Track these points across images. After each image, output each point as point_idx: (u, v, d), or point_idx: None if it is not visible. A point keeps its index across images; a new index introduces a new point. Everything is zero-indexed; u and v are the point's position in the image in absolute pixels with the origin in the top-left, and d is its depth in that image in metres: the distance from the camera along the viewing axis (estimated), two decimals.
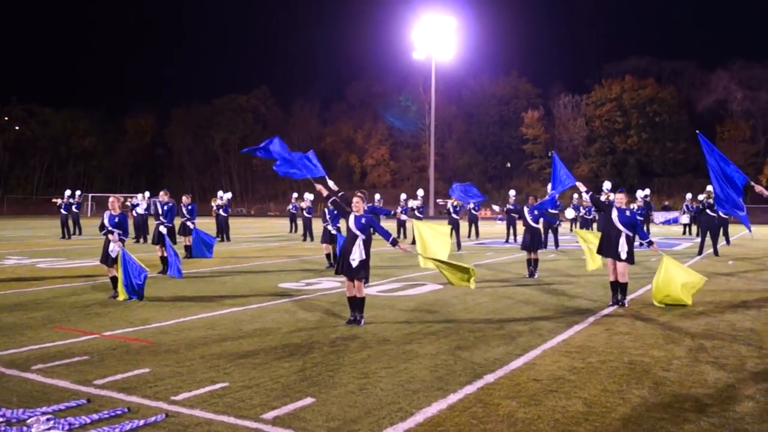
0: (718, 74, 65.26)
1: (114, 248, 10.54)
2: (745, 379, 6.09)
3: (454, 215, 21.24)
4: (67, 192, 28.32)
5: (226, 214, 25.92)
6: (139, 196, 27.74)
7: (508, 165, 74.63)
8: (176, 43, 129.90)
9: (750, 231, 12.63)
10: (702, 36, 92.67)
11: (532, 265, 13.94)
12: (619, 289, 10.18)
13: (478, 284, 12.57)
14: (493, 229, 33.74)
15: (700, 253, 19.26)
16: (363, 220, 8.60)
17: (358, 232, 8.56)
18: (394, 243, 8.74)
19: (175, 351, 7.06)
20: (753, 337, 7.92)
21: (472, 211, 26.17)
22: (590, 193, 11.15)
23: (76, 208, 27.99)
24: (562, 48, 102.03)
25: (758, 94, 62.50)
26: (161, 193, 15.67)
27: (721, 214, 19.16)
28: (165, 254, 14.20)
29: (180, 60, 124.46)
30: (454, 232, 20.79)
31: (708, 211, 19.29)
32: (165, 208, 14.68)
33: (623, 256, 9.96)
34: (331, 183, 10.95)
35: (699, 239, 20.11)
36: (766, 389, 5.76)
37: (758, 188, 10.91)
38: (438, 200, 26.63)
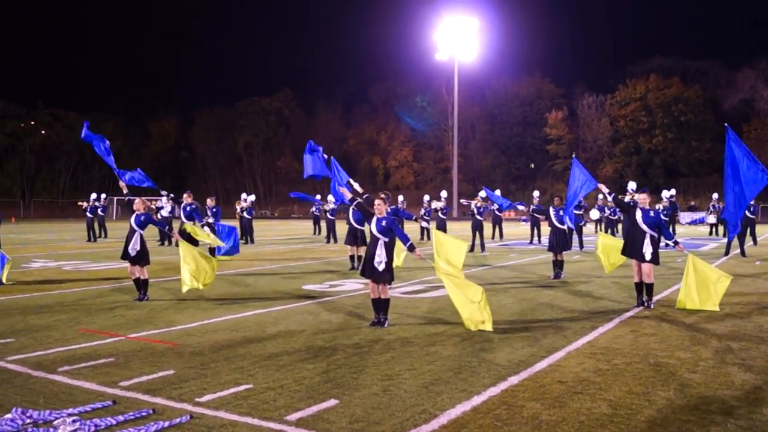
0: (744, 73, 64.35)
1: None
2: None
3: (477, 216, 21.14)
4: (93, 195, 28.66)
5: (249, 217, 26.08)
6: (164, 198, 28.00)
7: (532, 166, 74.13)
8: (198, 46, 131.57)
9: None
10: (727, 34, 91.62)
11: (558, 266, 13.84)
12: (644, 290, 10.07)
13: (501, 285, 12.54)
14: (517, 230, 33.56)
15: (726, 253, 19.00)
16: (384, 223, 8.59)
17: (379, 235, 8.57)
18: (411, 249, 8.65)
19: (200, 353, 7.12)
20: None
21: (496, 213, 26.05)
22: (613, 195, 11.04)
23: (101, 211, 28.34)
24: (584, 47, 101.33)
25: None
26: (185, 195, 15.85)
27: (747, 214, 18.90)
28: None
29: (203, 63, 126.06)
30: (478, 233, 20.74)
31: None
32: (188, 209, 14.80)
33: (648, 257, 9.85)
34: (356, 185, 11.12)
35: (726, 240, 19.81)
36: None
37: None
38: (462, 200, 26.57)
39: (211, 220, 16.91)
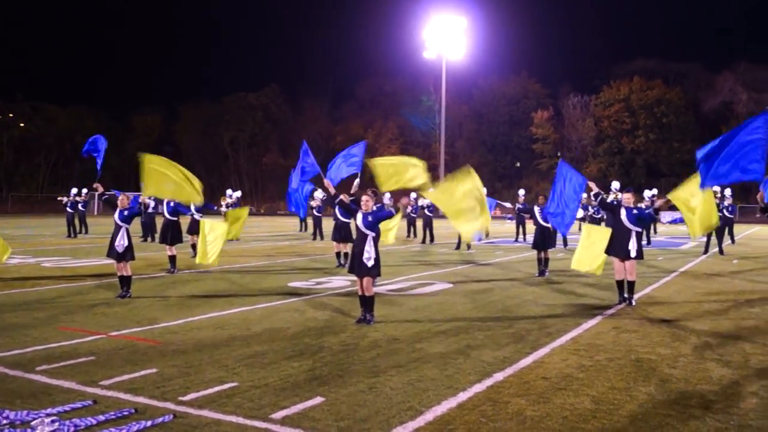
0: (723, 76, 65.21)
1: None
2: (749, 376, 6.10)
3: None
4: (74, 190, 28.19)
5: None
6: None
7: (518, 164, 74.60)
8: (185, 41, 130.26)
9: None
10: (708, 38, 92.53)
11: (543, 263, 13.92)
12: (627, 287, 10.15)
13: (487, 282, 12.60)
14: (502, 228, 33.67)
15: (705, 252, 19.26)
16: (370, 218, 8.62)
17: (367, 231, 8.58)
18: (397, 210, 9.18)
19: (183, 351, 7.07)
20: (757, 334, 7.93)
21: None
22: (599, 197, 11.11)
23: (82, 206, 27.95)
24: (570, 48, 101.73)
25: (763, 96, 62.28)
26: None
27: (726, 213, 19.18)
28: (173, 253, 14.27)
29: (189, 57, 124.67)
30: None
31: None
32: (171, 205, 14.65)
33: (633, 254, 9.94)
34: (356, 182, 11.47)
35: (704, 238, 20.01)
36: None
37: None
38: None
39: (197, 216, 16.76)
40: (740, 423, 4.85)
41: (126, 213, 10.80)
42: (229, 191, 27.63)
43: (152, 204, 21.65)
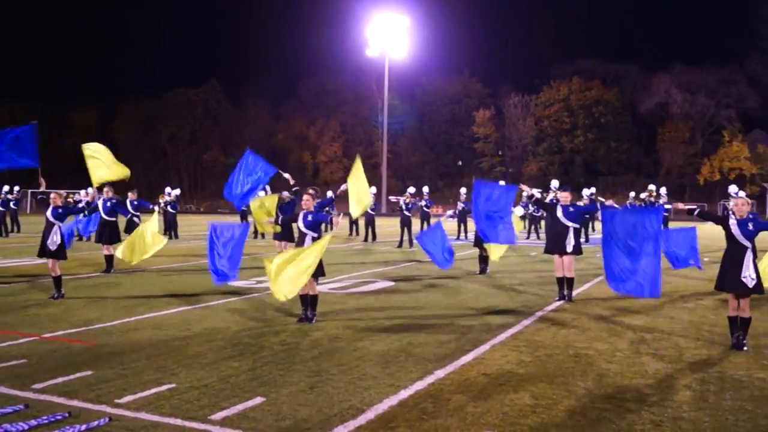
0: (659, 77, 67.46)
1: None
2: (683, 369, 6.30)
3: (406, 212, 21.33)
4: (5, 188, 27.25)
5: (174, 211, 25.44)
6: (83, 192, 26.97)
7: (460, 163, 75.50)
8: (123, 35, 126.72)
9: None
10: (645, 40, 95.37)
11: (483, 261, 14.10)
12: (566, 284, 10.38)
13: (429, 280, 12.69)
14: (444, 226, 33.92)
15: None
16: (310, 218, 8.61)
17: (307, 231, 8.56)
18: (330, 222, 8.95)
19: (120, 352, 6.88)
20: (690, 329, 8.20)
21: (424, 209, 26.29)
22: (534, 198, 11.38)
23: (14, 204, 27.05)
24: (512, 49, 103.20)
25: (696, 98, 64.81)
26: (105, 188, 15.21)
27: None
28: (111, 253, 13.89)
29: (127, 53, 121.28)
30: (406, 229, 20.90)
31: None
32: (108, 204, 14.22)
33: (569, 249, 10.19)
34: (287, 175, 11.18)
35: None
36: (702, 378, 5.98)
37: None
38: (390, 197, 26.69)
39: (136, 221, 16.35)
40: (674, 415, 5.01)
41: (60, 211, 10.47)
42: (168, 189, 27.06)
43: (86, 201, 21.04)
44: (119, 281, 12.52)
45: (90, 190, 22.50)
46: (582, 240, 10.72)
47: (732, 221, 7.06)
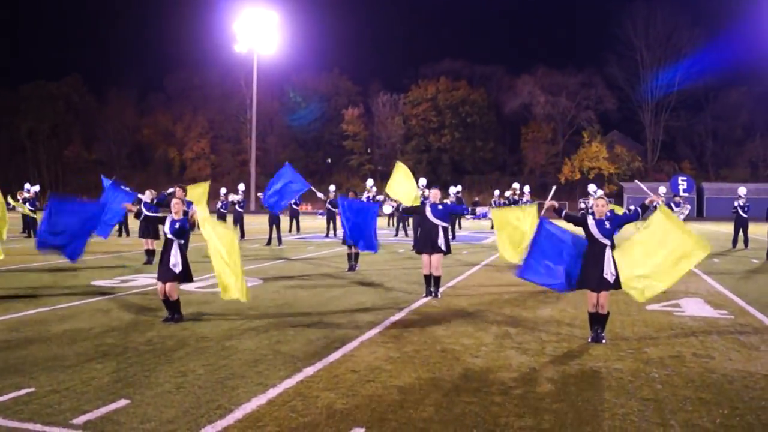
0: (523, 79, 70.66)
1: None
2: (545, 363, 6.57)
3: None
4: (27, 185, 24.60)
5: (33, 209, 23.69)
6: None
7: (329, 161, 75.65)
8: None
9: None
10: (510, 43, 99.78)
11: (353, 258, 14.14)
12: (433, 281, 10.58)
13: (298, 278, 12.57)
14: (313, 223, 33.88)
15: None
16: (177, 225, 8.24)
17: (173, 237, 8.21)
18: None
19: None
20: (551, 323, 8.58)
21: (293, 206, 26.09)
22: (399, 205, 11.56)
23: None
24: (381, 47, 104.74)
25: (558, 99, 68.48)
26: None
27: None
28: None
29: None
30: (275, 227, 20.63)
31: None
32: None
33: (442, 247, 10.38)
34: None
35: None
36: (563, 371, 6.26)
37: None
38: (259, 194, 26.21)
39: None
40: (536, 407, 5.20)
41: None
42: (27, 185, 25.19)
43: None
44: None
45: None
46: (450, 237, 10.97)
47: (591, 222, 7.43)
